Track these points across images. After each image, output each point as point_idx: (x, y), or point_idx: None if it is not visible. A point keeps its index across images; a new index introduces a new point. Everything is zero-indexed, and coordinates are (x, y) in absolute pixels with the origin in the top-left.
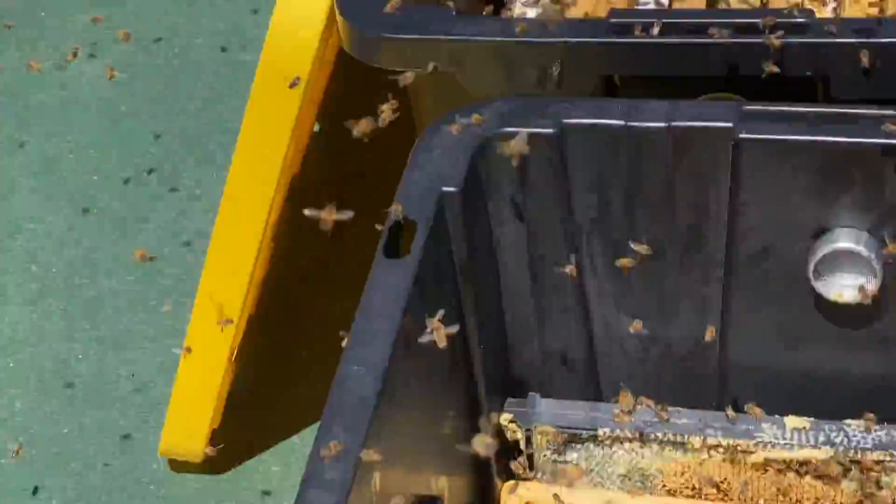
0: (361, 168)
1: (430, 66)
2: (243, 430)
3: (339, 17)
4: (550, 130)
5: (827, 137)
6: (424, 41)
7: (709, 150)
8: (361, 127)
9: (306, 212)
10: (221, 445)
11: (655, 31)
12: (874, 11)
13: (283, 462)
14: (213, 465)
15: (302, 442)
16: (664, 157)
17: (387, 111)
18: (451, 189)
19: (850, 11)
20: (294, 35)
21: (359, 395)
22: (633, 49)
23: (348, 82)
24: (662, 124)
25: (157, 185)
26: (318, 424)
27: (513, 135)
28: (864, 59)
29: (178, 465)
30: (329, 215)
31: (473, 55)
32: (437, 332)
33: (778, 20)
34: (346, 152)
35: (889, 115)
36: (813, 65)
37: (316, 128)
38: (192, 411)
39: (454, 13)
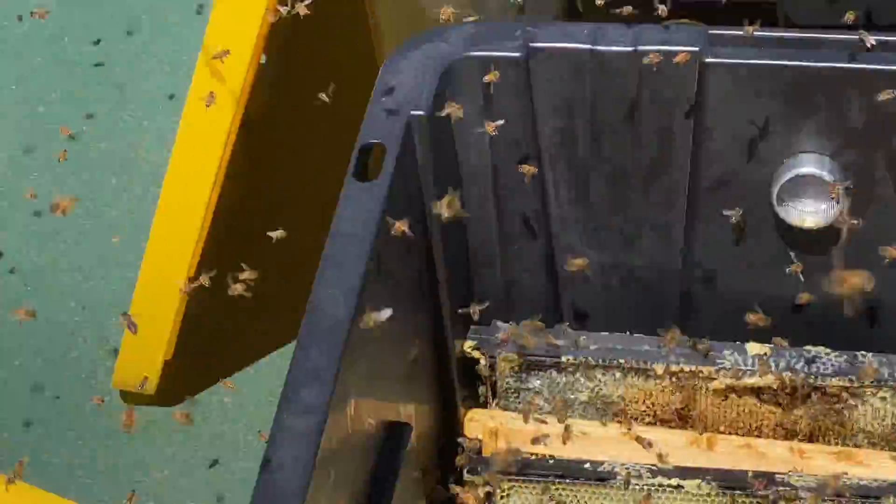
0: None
1: None
2: (196, 361)
3: None
4: (516, 54)
5: (792, 62)
6: None
7: (674, 75)
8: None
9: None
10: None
11: None
12: None
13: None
14: (164, 398)
15: (257, 373)
16: (630, 82)
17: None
18: (419, 112)
19: None
20: None
21: (334, 318)
22: None
23: None
24: (629, 49)
25: None
26: (270, 357)
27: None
28: None
29: (130, 398)
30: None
31: None
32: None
33: None
34: (302, 84)
35: (852, 41)
36: None
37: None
38: (145, 343)
39: None
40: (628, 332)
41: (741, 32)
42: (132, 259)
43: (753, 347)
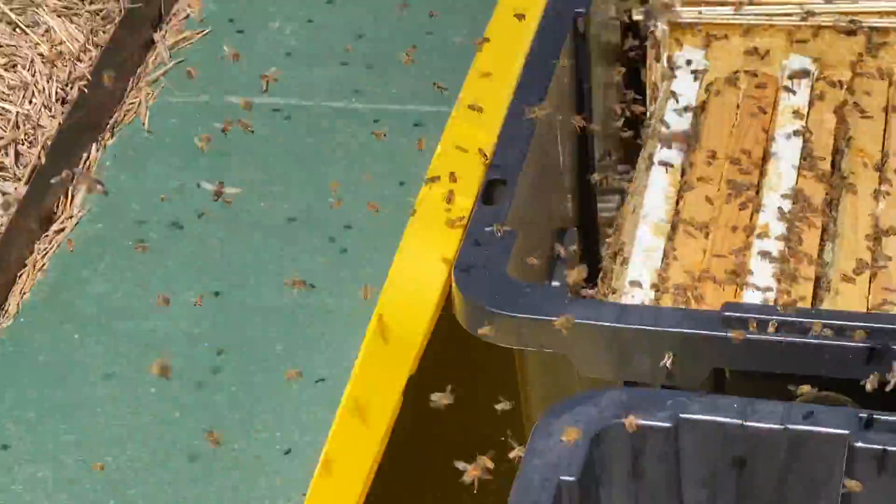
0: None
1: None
2: None
3: (454, 290)
4: (667, 424)
5: None
6: (538, 321)
7: (823, 456)
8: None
9: None
10: None
11: (771, 328)
12: None
13: None
14: None
15: None
16: (777, 458)
17: None
18: (569, 479)
19: None
20: (409, 302)
21: None
22: (748, 345)
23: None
24: (778, 426)
25: None
26: None
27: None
28: None
29: None
30: None
31: (586, 338)
32: None
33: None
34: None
35: None
36: None
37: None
38: None
39: (569, 295)
40: None
41: (892, 417)
42: None
43: None
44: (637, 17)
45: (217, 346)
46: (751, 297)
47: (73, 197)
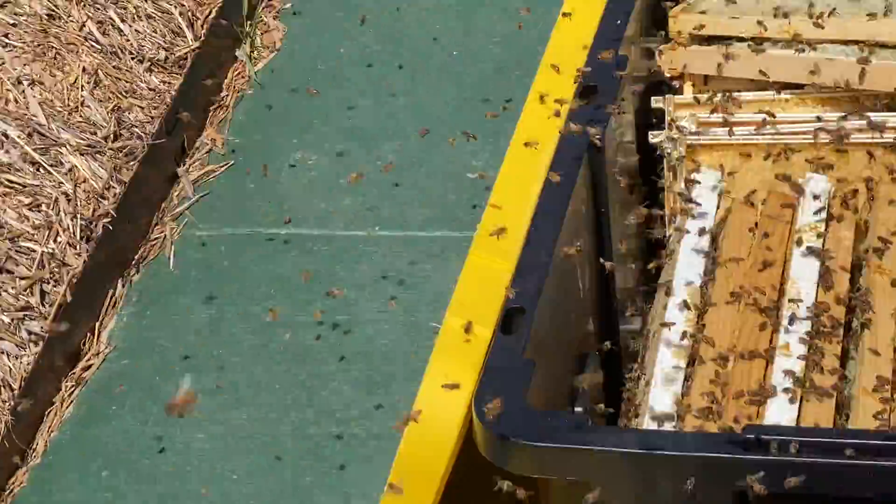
0: None
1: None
2: None
3: (475, 420)
4: None
5: None
6: (560, 450)
7: None
8: None
9: None
10: None
11: (793, 449)
12: None
13: None
14: None
15: None
16: None
17: None
18: None
19: None
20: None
21: None
22: (769, 466)
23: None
24: None
25: None
26: None
27: None
28: None
29: None
30: None
31: (608, 466)
32: None
33: None
34: None
35: None
36: None
37: None
38: None
39: (589, 422)
40: None
41: None
42: None
43: None
44: (653, 140)
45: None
46: (773, 417)
47: (99, 333)
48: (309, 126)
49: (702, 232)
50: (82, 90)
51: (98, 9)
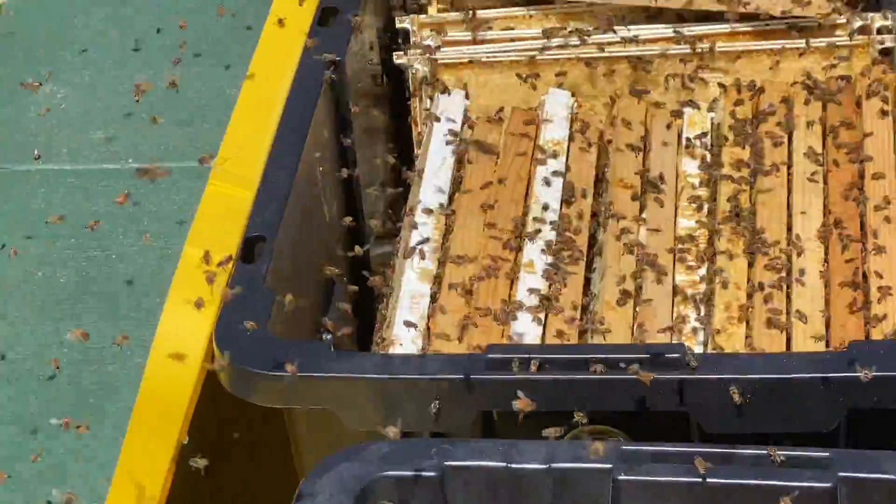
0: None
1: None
2: None
3: (216, 352)
4: (432, 473)
5: (702, 479)
6: (303, 379)
7: (589, 491)
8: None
9: None
10: None
11: (533, 367)
12: None
13: None
14: None
15: None
16: (545, 497)
17: None
18: None
19: None
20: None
21: None
22: (510, 385)
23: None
24: (542, 466)
25: None
26: None
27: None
28: (736, 396)
29: None
30: None
31: (351, 392)
32: None
33: (651, 355)
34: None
35: (761, 455)
36: (686, 400)
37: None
38: None
39: (332, 349)
40: None
41: (655, 448)
42: None
43: None
44: (398, 60)
45: None
46: (519, 334)
47: None
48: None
49: (447, 152)
50: None
51: None
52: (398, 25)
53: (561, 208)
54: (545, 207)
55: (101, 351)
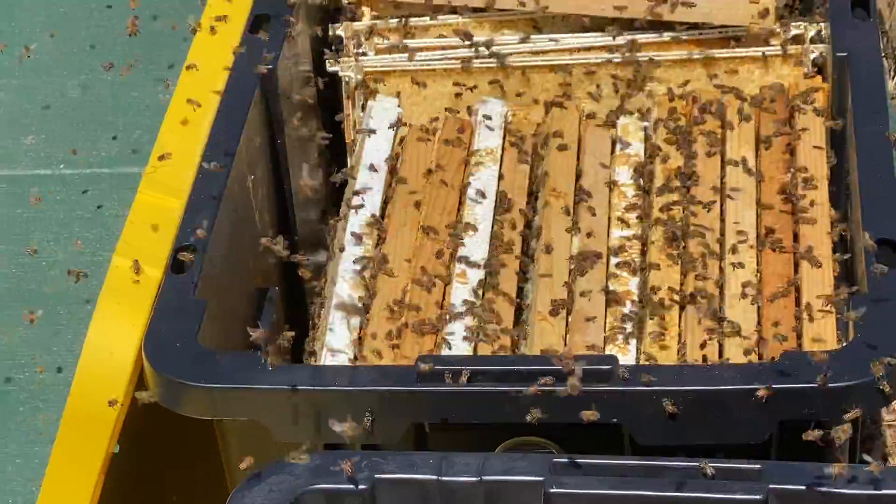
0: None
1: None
2: None
3: (146, 363)
4: (363, 486)
5: (633, 492)
6: (232, 391)
7: (520, 503)
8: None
9: None
10: None
11: (464, 379)
12: None
13: None
14: None
15: None
16: None
17: None
18: None
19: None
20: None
21: None
22: (442, 397)
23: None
24: (474, 478)
25: None
26: None
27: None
28: (669, 407)
29: None
30: None
31: (281, 404)
32: None
33: (583, 367)
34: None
35: (692, 468)
36: (618, 412)
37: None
38: None
39: (263, 360)
40: None
41: (587, 460)
42: None
43: None
44: (330, 68)
45: None
46: (451, 345)
47: None
48: None
49: (380, 160)
50: None
51: None
52: (331, 32)
53: (494, 218)
54: (478, 217)
55: (31, 357)
